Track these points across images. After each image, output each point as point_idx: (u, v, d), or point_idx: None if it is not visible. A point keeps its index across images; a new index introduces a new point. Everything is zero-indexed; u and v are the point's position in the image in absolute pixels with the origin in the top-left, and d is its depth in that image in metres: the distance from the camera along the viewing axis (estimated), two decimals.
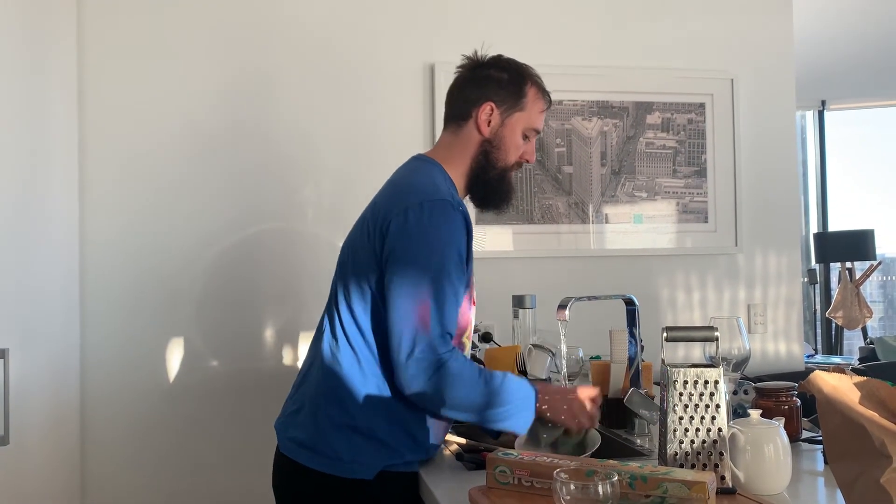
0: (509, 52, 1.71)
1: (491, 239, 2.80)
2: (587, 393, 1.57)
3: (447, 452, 1.67)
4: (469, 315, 1.61)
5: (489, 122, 1.61)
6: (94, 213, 2.53)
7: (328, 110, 2.69)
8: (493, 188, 1.64)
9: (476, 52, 1.67)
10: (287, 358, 2.63)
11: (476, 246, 2.75)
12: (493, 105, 1.60)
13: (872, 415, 0.80)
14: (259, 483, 1.64)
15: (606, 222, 2.88)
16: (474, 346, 2.26)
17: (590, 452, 1.51)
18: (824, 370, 0.98)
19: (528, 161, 1.68)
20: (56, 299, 2.28)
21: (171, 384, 2.55)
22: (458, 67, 1.68)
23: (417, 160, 1.65)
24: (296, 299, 2.62)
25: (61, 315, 2.33)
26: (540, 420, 1.54)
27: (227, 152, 2.62)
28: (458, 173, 1.62)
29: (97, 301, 2.52)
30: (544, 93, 1.67)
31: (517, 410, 1.48)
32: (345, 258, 1.60)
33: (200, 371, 2.58)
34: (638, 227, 2.91)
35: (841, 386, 0.84)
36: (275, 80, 2.66)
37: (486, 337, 2.38)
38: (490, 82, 1.61)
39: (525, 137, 1.65)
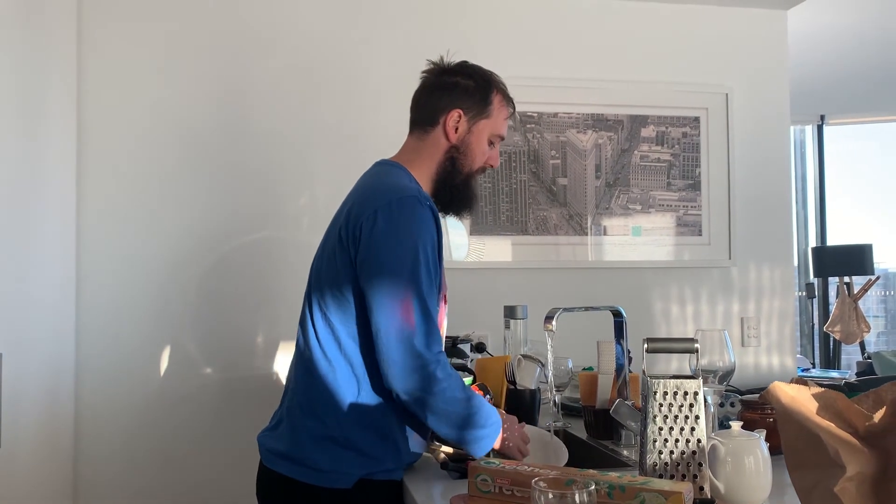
0: (505, 65, 1.73)
1: (489, 249, 2.82)
2: (523, 431, 1.61)
3: (433, 461, 1.68)
4: (442, 313, 1.63)
5: (456, 128, 1.63)
6: (90, 219, 2.55)
7: (325, 120, 2.72)
8: (458, 193, 1.67)
9: (442, 58, 1.70)
10: (279, 366, 2.65)
11: (474, 256, 2.80)
12: (460, 112, 1.63)
13: (829, 425, 0.81)
14: (252, 488, 1.66)
15: (605, 234, 2.90)
16: (465, 355, 2.27)
17: None
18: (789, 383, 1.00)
19: (492, 166, 1.71)
20: (51, 305, 2.30)
21: (165, 391, 2.57)
22: (424, 73, 1.70)
23: (383, 165, 1.67)
24: (290, 308, 2.63)
25: (56, 321, 2.35)
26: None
27: (223, 160, 2.65)
28: (423, 178, 1.64)
29: (92, 307, 2.54)
30: (509, 100, 1.70)
31: (489, 435, 1.50)
32: (318, 269, 1.60)
33: (194, 378, 2.59)
34: (636, 239, 2.93)
35: (799, 397, 0.85)
36: (272, 89, 2.69)
37: (479, 347, 2.39)
38: (457, 89, 1.64)
39: (490, 144, 1.68)
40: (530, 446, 1.64)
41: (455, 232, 2.80)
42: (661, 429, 1.34)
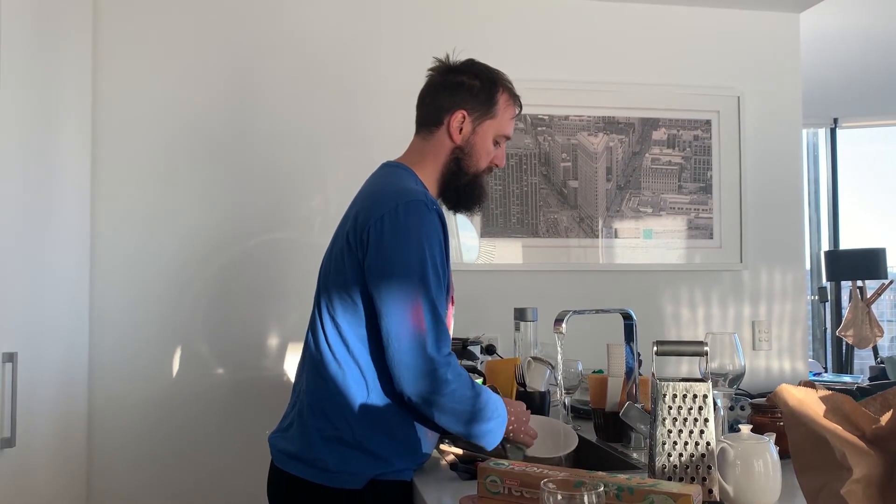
0: (516, 67, 1.72)
1: (500, 251, 2.83)
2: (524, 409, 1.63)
3: (443, 462, 1.68)
4: (450, 315, 1.64)
5: (461, 129, 1.62)
6: (104, 218, 2.58)
7: (337, 121, 2.74)
8: (465, 193, 1.66)
9: (448, 57, 1.68)
10: (290, 367, 2.66)
11: (484, 258, 2.81)
12: (464, 113, 1.62)
13: (836, 427, 0.82)
14: (263, 488, 1.67)
15: (615, 237, 2.91)
16: (475, 357, 2.28)
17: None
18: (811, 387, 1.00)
19: (497, 166, 1.70)
20: (65, 304, 2.32)
21: (178, 389, 2.59)
22: (430, 71, 1.68)
23: (388, 167, 1.68)
24: (301, 309, 2.65)
25: (70, 320, 2.37)
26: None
27: (236, 161, 2.67)
28: (429, 178, 1.64)
29: (106, 306, 2.56)
30: (515, 99, 1.68)
31: (497, 427, 1.52)
32: (326, 271, 1.61)
33: (206, 377, 2.61)
34: (647, 242, 2.93)
35: (806, 399, 0.85)
36: (285, 90, 2.71)
37: (489, 349, 2.39)
38: (462, 89, 1.63)
39: (496, 143, 1.67)
40: (541, 434, 1.66)
41: (466, 234, 2.81)
42: (670, 431, 1.34)
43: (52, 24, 2.20)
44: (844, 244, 5.28)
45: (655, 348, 1.45)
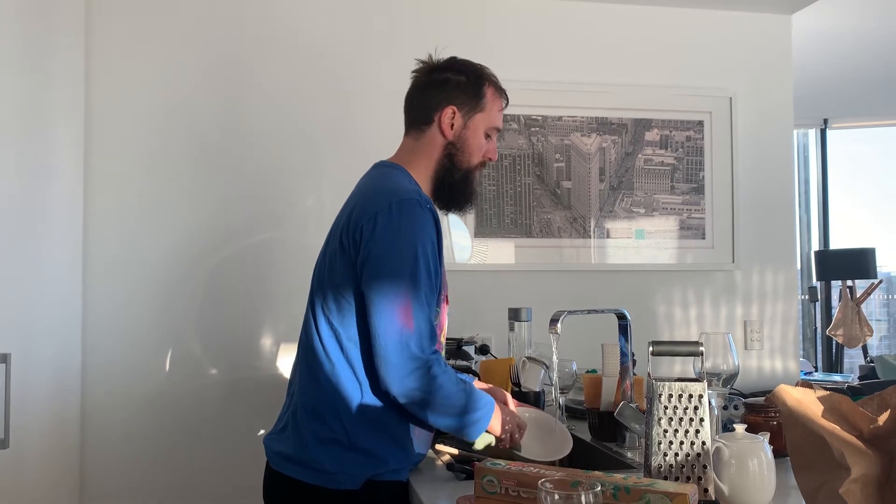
0: (510, 68, 1.72)
1: (493, 251, 2.83)
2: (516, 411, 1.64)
3: (439, 462, 1.69)
4: (444, 314, 1.64)
5: (452, 125, 1.64)
6: (97, 219, 2.57)
7: (332, 121, 2.73)
8: (458, 190, 1.67)
9: (431, 56, 1.70)
10: (283, 367, 2.66)
11: (477, 258, 2.81)
12: (454, 109, 1.63)
13: (834, 427, 0.83)
14: (256, 488, 1.67)
15: (608, 237, 2.91)
16: (469, 357, 2.28)
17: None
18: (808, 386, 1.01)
19: (490, 159, 1.71)
20: (58, 304, 2.31)
21: (171, 390, 2.58)
22: (414, 72, 1.70)
23: (381, 167, 1.68)
24: (294, 309, 2.64)
25: (63, 321, 2.36)
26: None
27: (230, 161, 2.66)
28: (422, 177, 1.65)
29: (99, 306, 2.55)
30: (501, 91, 1.70)
31: (482, 417, 1.52)
32: (321, 272, 1.61)
33: (200, 378, 2.61)
34: (639, 242, 2.94)
35: (805, 399, 0.86)
36: (279, 90, 2.70)
37: (483, 349, 2.40)
38: (449, 85, 1.64)
39: (487, 137, 1.68)
40: (536, 432, 1.66)
41: (459, 234, 2.81)
42: (665, 431, 1.35)
43: (44, 24, 2.19)
44: (834, 244, 5.31)
45: (651, 348, 1.46)
